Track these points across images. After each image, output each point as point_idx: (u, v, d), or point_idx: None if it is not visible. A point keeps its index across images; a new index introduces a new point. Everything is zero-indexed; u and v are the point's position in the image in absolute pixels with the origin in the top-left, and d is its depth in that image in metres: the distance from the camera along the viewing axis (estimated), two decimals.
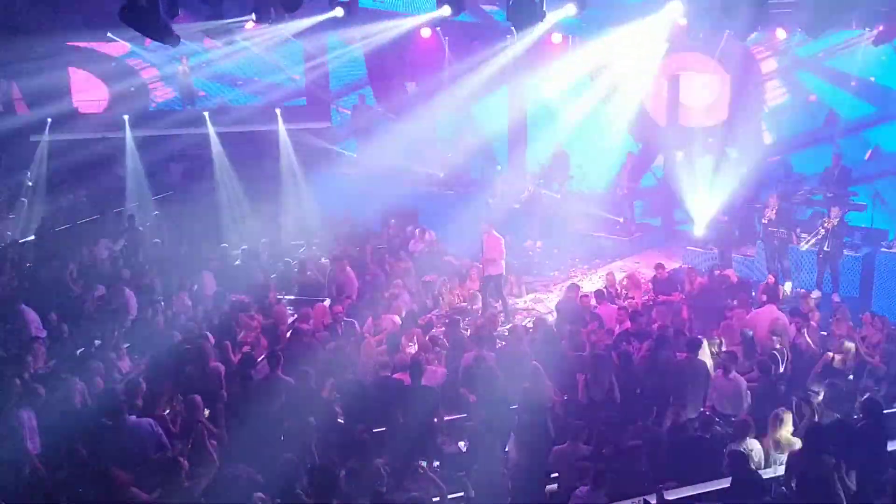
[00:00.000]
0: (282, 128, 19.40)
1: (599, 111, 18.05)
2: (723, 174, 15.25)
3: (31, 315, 11.02)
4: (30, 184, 16.98)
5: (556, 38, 16.56)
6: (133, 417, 7.60)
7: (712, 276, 12.30)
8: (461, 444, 8.44)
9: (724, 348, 9.96)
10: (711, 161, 15.92)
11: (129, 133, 18.41)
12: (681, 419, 8.17)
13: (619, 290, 12.82)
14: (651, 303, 12.16)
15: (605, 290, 12.28)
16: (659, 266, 13.00)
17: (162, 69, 19.35)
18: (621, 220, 16.85)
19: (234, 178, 18.49)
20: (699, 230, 15.38)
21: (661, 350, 9.46)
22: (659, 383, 9.09)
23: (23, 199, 16.76)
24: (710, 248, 15.02)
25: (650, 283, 13.03)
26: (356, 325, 11.23)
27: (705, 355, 9.50)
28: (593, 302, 11.73)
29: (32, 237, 14.93)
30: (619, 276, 13.69)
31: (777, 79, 16.13)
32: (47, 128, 17.63)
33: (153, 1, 9.88)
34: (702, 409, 8.76)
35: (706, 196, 15.35)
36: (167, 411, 8.38)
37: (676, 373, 9.11)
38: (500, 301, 13.09)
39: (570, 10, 12.29)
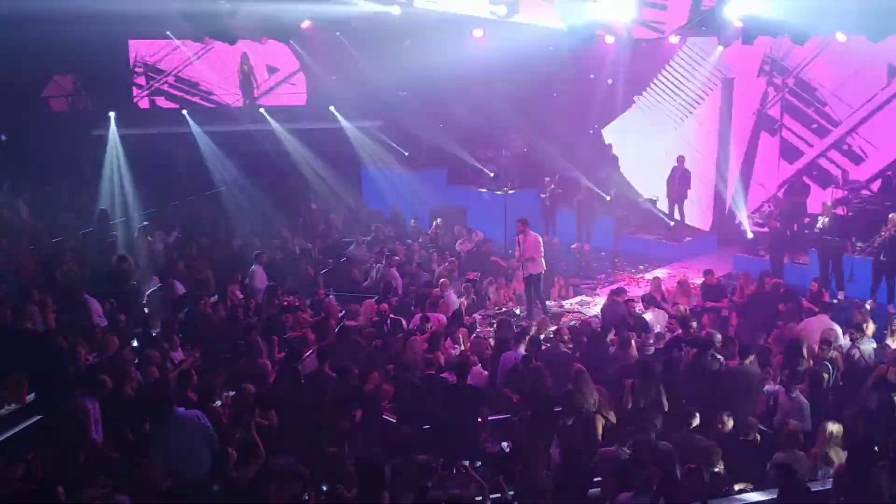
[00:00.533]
0: (345, 124, 19.62)
1: (651, 114, 18.01)
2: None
3: (95, 304, 11.37)
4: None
5: (609, 39, 16.46)
6: (181, 409, 7.78)
7: (762, 283, 12.12)
8: (504, 444, 8.48)
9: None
10: None
11: (194, 127, 18.84)
12: (726, 428, 8.09)
13: (665, 296, 12.72)
14: (699, 309, 12.06)
15: (651, 295, 12.20)
16: (708, 272, 12.84)
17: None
18: (672, 223, 16.71)
19: (291, 174, 18.80)
20: (750, 233, 15.28)
21: (704, 357, 9.36)
22: (704, 391, 9.01)
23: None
24: (762, 254, 14.83)
25: (699, 289, 12.90)
26: (403, 323, 11.35)
27: (754, 364, 9.38)
28: (640, 307, 11.66)
29: (91, 228, 15.34)
30: (663, 278, 13.60)
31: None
32: (112, 122, 18.08)
33: (215, 1, 10.15)
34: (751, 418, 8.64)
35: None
36: (219, 403, 8.57)
37: (727, 380, 9.02)
38: (540, 301, 13.07)
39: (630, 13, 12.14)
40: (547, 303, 13.32)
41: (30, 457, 7.48)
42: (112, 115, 17.98)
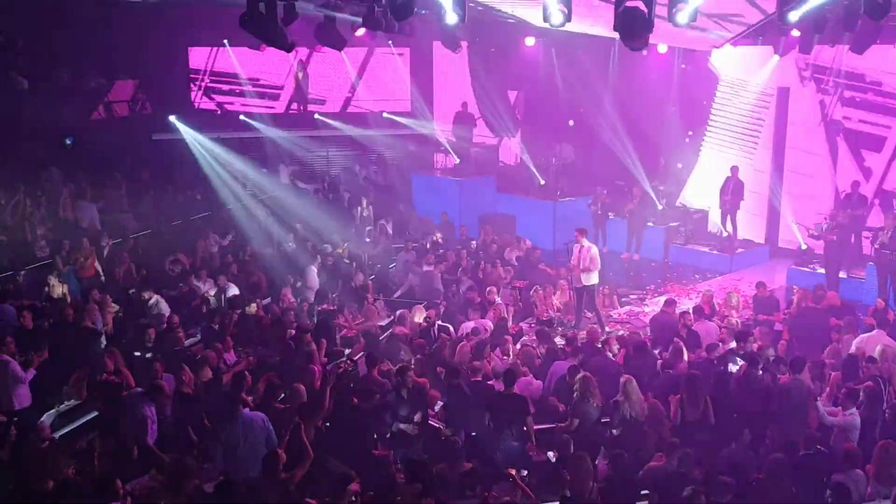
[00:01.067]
0: (397, 130, 19.89)
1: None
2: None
3: (164, 304, 11.73)
4: None
5: (662, 48, 16.35)
6: (247, 411, 7.90)
7: (816, 297, 11.88)
8: (550, 454, 8.46)
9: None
10: None
11: (263, 129, 19.26)
12: (776, 443, 7.97)
13: (716, 308, 12.55)
14: (751, 322, 11.88)
15: (702, 306, 12.05)
16: (760, 284, 12.64)
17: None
18: (725, 234, 16.46)
19: (339, 179, 19.08)
20: (804, 245, 15.02)
21: (754, 370, 9.22)
22: (756, 405, 8.88)
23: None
24: (816, 267, 14.55)
25: (751, 302, 12.70)
26: (451, 329, 11.42)
27: (806, 378, 9.21)
28: (690, 318, 11.53)
29: (149, 230, 15.75)
30: (714, 290, 13.42)
31: None
32: (182, 126, 18.56)
33: (272, 8, 10.31)
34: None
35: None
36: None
37: (777, 395, 8.88)
38: (595, 312, 13.01)
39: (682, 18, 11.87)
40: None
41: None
42: (173, 118, 18.47)
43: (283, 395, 8.78)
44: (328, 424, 8.48)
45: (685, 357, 9.85)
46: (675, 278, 15.84)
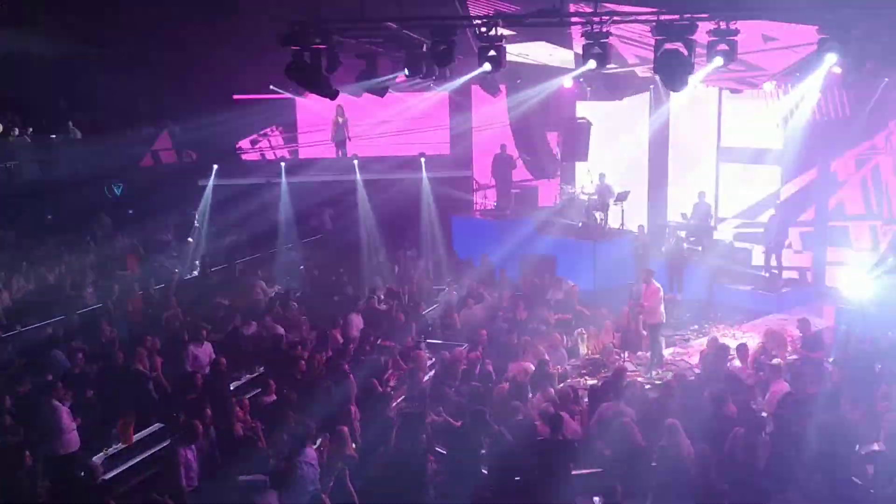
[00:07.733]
0: (424, 176, 20.13)
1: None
2: None
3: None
4: (196, 225, 18.30)
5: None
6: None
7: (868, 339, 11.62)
8: (596, 499, 8.34)
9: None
10: None
11: (283, 179, 19.67)
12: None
13: (764, 348, 12.32)
14: (799, 362, 11.64)
15: (745, 346, 11.86)
16: (803, 321, 12.41)
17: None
18: (766, 274, 16.22)
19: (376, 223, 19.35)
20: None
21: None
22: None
23: (189, 238, 18.15)
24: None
25: (799, 342, 12.46)
26: (492, 372, 11.40)
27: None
28: (737, 360, 11.36)
29: (196, 274, 16.04)
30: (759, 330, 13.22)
31: None
32: (213, 173, 19.03)
33: (316, 58, 10.63)
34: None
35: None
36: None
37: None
38: (653, 352, 13.06)
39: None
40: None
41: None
42: (215, 166, 18.96)
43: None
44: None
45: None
46: (720, 318, 15.61)
